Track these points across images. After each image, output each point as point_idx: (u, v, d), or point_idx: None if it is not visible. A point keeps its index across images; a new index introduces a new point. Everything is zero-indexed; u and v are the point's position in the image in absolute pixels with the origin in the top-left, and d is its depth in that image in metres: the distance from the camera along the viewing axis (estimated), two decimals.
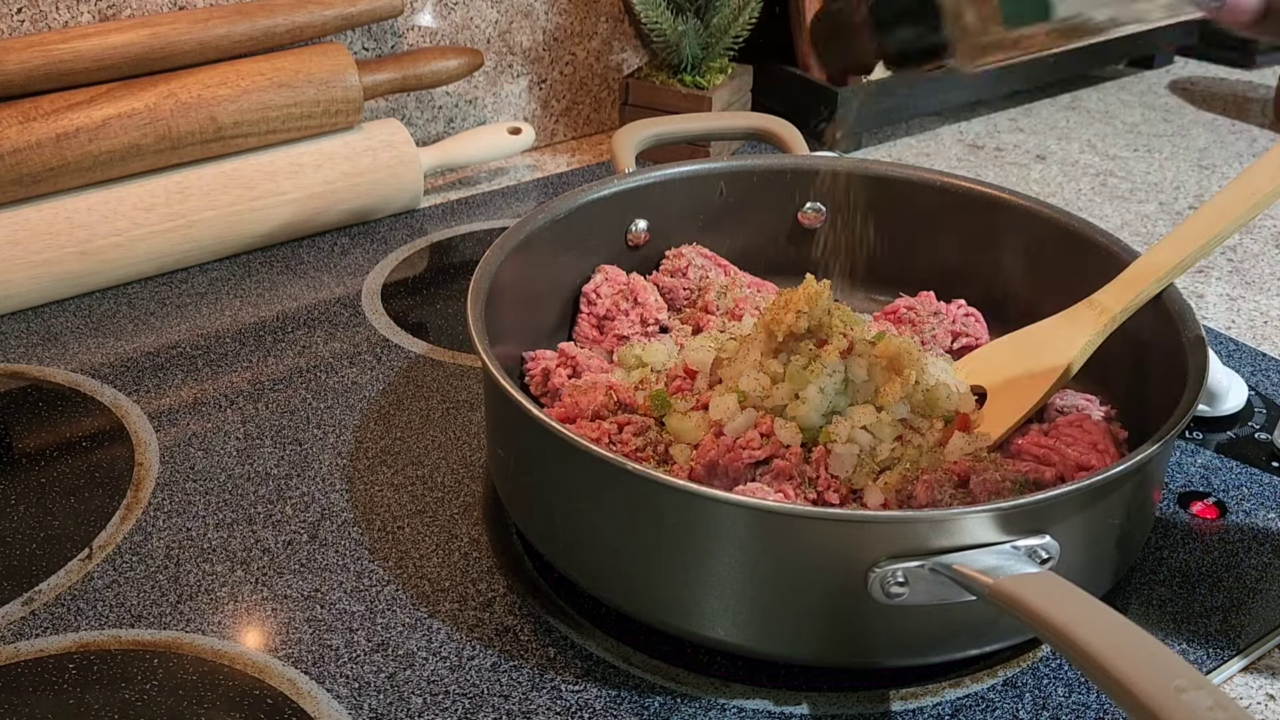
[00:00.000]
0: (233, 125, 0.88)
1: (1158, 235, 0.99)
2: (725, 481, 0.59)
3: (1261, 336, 0.85)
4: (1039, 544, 0.50)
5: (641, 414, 0.64)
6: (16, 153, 0.80)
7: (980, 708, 0.55)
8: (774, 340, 0.61)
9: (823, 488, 0.59)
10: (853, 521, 0.51)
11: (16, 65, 0.82)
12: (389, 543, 0.63)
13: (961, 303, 0.75)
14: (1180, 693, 0.40)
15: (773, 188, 0.79)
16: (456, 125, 1.09)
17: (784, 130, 0.84)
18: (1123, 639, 0.43)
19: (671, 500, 0.52)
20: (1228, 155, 1.16)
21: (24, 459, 0.69)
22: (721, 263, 0.78)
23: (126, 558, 0.62)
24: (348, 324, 0.83)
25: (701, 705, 0.55)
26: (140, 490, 0.67)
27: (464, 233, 0.96)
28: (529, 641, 0.58)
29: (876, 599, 0.50)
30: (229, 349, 0.80)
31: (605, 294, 0.74)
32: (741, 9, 1.04)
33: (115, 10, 0.89)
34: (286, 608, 0.59)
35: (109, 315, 0.83)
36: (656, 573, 0.54)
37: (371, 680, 0.55)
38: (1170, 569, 0.63)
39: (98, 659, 0.56)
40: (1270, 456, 0.71)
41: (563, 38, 1.11)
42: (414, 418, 0.73)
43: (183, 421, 0.72)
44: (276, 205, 0.90)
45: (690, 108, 1.04)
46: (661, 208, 0.78)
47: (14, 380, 0.76)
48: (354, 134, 0.95)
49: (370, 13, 0.95)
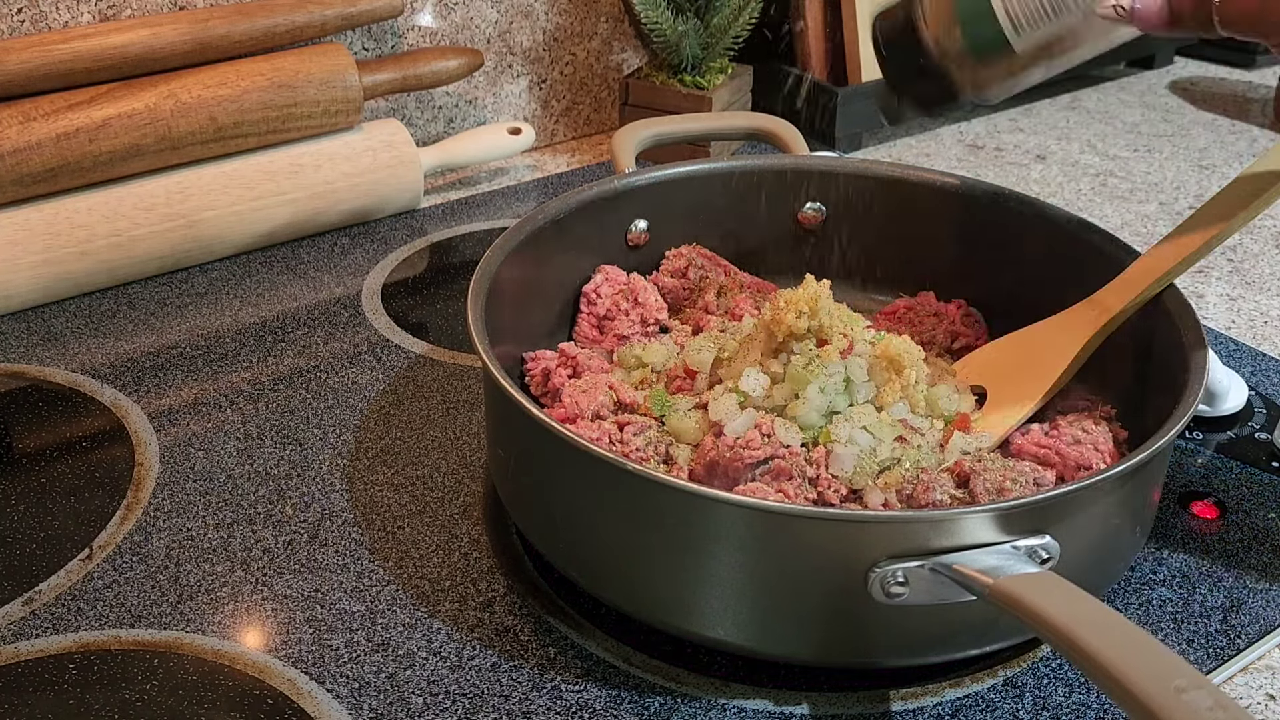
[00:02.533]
0: (233, 125, 0.88)
1: (1158, 235, 0.99)
2: (725, 481, 0.59)
3: (1261, 336, 0.85)
4: (1039, 544, 0.50)
5: (642, 414, 0.64)
6: (16, 153, 0.80)
7: (980, 708, 0.55)
8: (774, 340, 0.61)
9: (823, 488, 0.58)
10: (853, 521, 0.51)
11: (16, 65, 0.82)
12: (389, 543, 0.63)
13: (961, 303, 0.75)
14: (1180, 693, 0.40)
15: (773, 188, 0.79)
16: (456, 125, 1.09)
17: (784, 130, 0.84)
18: (1123, 639, 0.43)
19: (671, 500, 0.52)
20: (1228, 155, 1.16)
21: (24, 459, 0.69)
22: (721, 263, 0.78)
23: (126, 558, 0.62)
24: (348, 324, 0.83)
25: (701, 705, 0.55)
26: (140, 490, 0.67)
27: (464, 233, 0.96)
28: (529, 641, 0.58)
29: (876, 599, 0.50)
30: (229, 349, 0.80)
31: (605, 294, 0.74)
32: (741, 9, 1.04)
33: (115, 10, 0.89)
34: (287, 608, 0.59)
35: (109, 315, 0.83)
36: (656, 573, 0.54)
37: (371, 680, 0.55)
38: (1170, 569, 0.63)
39: (98, 659, 0.56)
40: (1270, 456, 0.71)
41: (563, 38, 1.11)
42: (414, 418, 0.73)
43: (183, 421, 0.72)
44: (276, 205, 0.90)
45: (690, 108, 1.04)
46: (661, 208, 0.77)
47: (14, 380, 0.76)
48: (354, 134, 0.95)
49: (370, 13, 0.95)
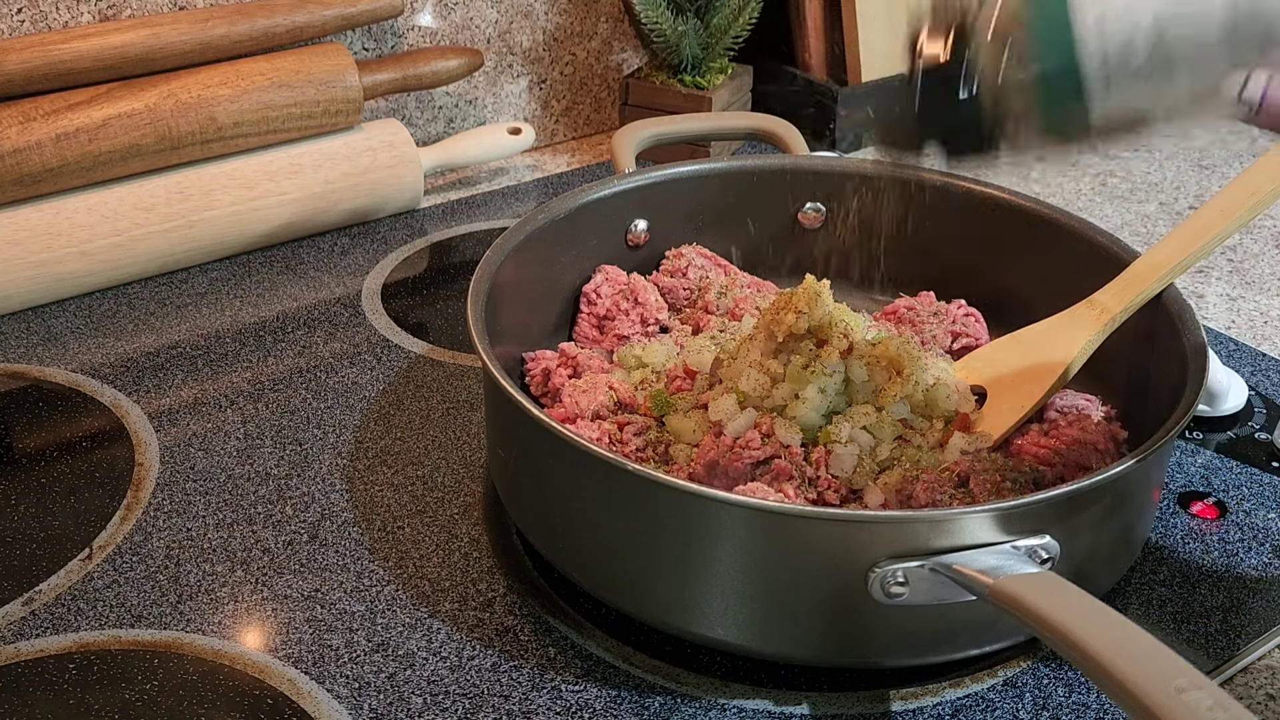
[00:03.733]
0: (233, 125, 0.88)
1: (1158, 235, 0.99)
2: (725, 481, 0.59)
3: (1261, 336, 0.85)
4: (1039, 544, 0.50)
5: (642, 414, 0.64)
6: (16, 153, 0.80)
7: (980, 708, 0.55)
8: (774, 340, 0.61)
9: (823, 488, 0.59)
10: (853, 521, 0.51)
11: (16, 65, 0.81)
12: (389, 543, 0.63)
13: (961, 303, 0.75)
14: (1180, 693, 0.40)
15: (773, 188, 0.79)
16: (456, 125, 1.09)
17: (784, 130, 0.84)
18: (1123, 639, 0.43)
19: (671, 500, 0.52)
20: (1228, 155, 1.16)
21: (24, 459, 0.69)
22: (721, 263, 0.78)
23: (126, 558, 0.62)
24: (348, 324, 0.83)
25: (701, 705, 0.55)
26: (140, 490, 0.67)
27: (464, 233, 0.96)
28: (529, 641, 0.58)
29: (876, 599, 0.50)
30: (229, 349, 0.80)
31: (605, 294, 0.74)
32: (741, 9, 1.04)
33: (115, 10, 0.89)
34: (286, 608, 0.59)
35: (109, 315, 0.83)
36: (656, 573, 0.54)
37: (371, 680, 0.55)
38: (1170, 569, 0.63)
39: (98, 659, 0.56)
40: (1270, 456, 0.71)
41: (563, 38, 1.11)
42: (414, 418, 0.73)
43: (183, 421, 0.72)
44: (276, 205, 0.90)
45: (690, 108, 1.04)
46: (661, 208, 0.77)
47: (14, 380, 0.76)
48: (354, 134, 0.95)
49: (370, 13, 0.95)
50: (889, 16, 1.13)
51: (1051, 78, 0.45)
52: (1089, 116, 0.45)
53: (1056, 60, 0.45)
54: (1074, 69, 0.44)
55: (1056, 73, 0.45)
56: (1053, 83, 0.45)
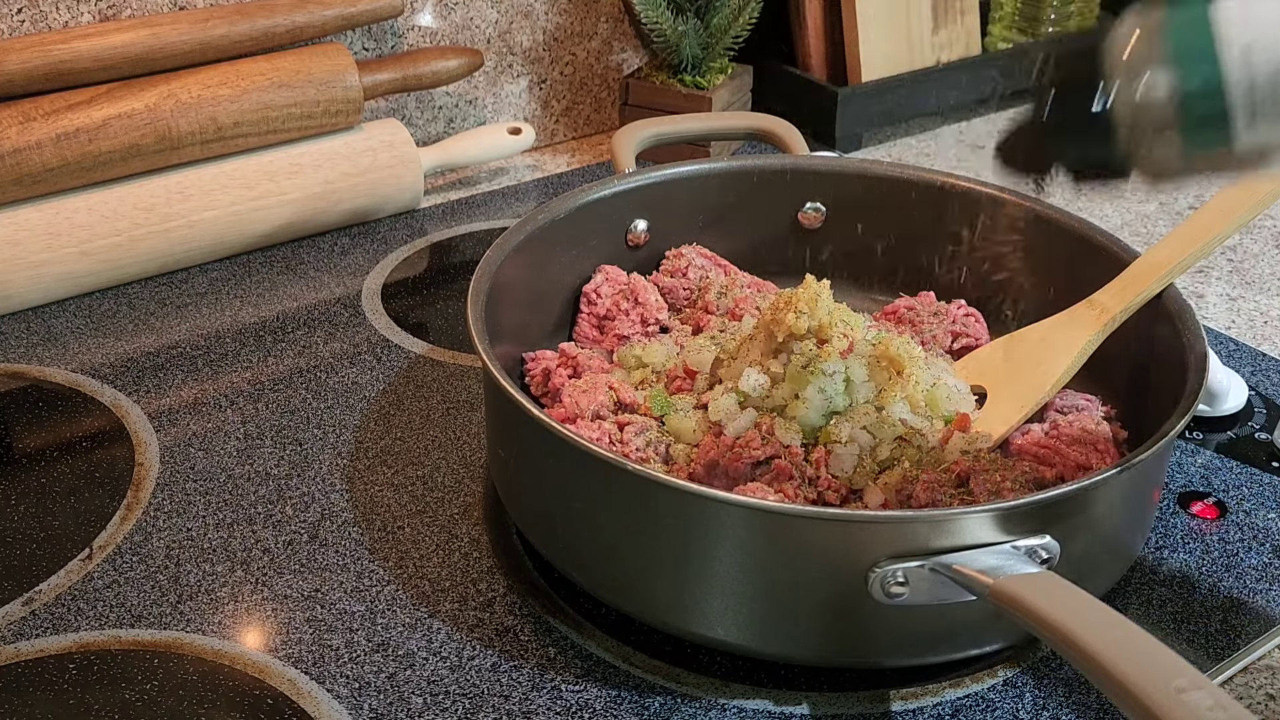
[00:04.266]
0: (233, 125, 0.88)
1: (1158, 235, 0.99)
2: (725, 481, 0.59)
3: (1261, 336, 0.85)
4: (1039, 544, 0.50)
5: (642, 414, 0.64)
6: (16, 153, 0.80)
7: (980, 708, 0.55)
8: (774, 340, 0.61)
9: (823, 488, 0.59)
10: (853, 521, 0.51)
11: (16, 65, 0.81)
12: (389, 543, 0.63)
13: (961, 303, 0.75)
14: (1180, 693, 0.40)
15: (773, 188, 0.79)
16: (456, 125, 1.09)
17: (784, 130, 0.84)
18: (1123, 639, 0.43)
19: (671, 500, 0.52)
20: None
21: (24, 459, 0.69)
22: (721, 263, 0.78)
23: (126, 558, 0.62)
24: (348, 324, 0.83)
25: (701, 705, 0.55)
26: (140, 490, 0.67)
27: (464, 233, 0.96)
28: (529, 641, 0.58)
29: (876, 599, 0.50)
30: (229, 349, 0.80)
31: (605, 294, 0.74)
32: (741, 9, 1.04)
33: (115, 10, 0.89)
34: (286, 608, 0.59)
35: (109, 315, 0.83)
36: (656, 573, 0.54)
37: (371, 680, 0.55)
38: (1170, 569, 0.63)
39: (98, 659, 0.56)
40: (1270, 456, 0.71)
41: (563, 38, 1.11)
42: (414, 418, 0.73)
43: (183, 421, 0.72)
44: (276, 205, 0.90)
45: (690, 108, 1.04)
46: (661, 208, 0.77)
47: (14, 380, 0.76)
48: (354, 134, 0.95)
49: (370, 13, 0.95)
50: (889, 16, 1.13)
51: (1194, 98, 0.43)
52: (1233, 143, 0.44)
53: (1201, 84, 0.43)
54: (1219, 92, 0.43)
55: (1200, 93, 0.43)
56: (1196, 104, 0.43)
